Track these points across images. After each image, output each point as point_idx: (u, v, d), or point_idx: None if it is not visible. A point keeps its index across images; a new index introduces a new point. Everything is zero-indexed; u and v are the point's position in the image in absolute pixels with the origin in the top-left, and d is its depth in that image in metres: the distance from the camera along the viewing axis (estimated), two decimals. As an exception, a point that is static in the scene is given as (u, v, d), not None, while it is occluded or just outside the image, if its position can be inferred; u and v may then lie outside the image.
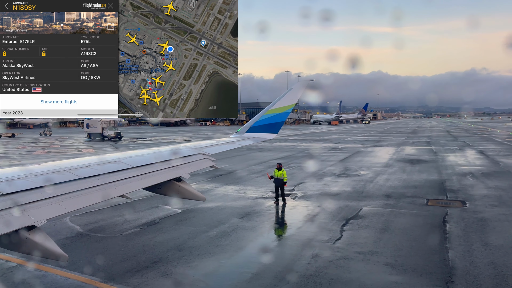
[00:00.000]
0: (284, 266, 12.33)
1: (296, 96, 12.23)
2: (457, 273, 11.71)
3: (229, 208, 19.93)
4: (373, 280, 11.37)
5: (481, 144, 57.87)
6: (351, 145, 58.73)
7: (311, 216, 18.43)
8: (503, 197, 21.99)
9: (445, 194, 22.99)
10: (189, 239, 15.00)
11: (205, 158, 9.57)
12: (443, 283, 11.07)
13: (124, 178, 7.01)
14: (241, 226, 16.80)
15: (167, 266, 12.31)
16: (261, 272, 11.91)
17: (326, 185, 26.26)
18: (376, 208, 19.79)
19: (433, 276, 11.56)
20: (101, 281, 11.27)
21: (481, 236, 15.13)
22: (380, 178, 28.84)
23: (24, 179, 5.81)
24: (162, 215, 18.41)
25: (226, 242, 14.69)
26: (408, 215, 18.43)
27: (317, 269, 12.14)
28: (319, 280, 11.29)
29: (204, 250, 13.80)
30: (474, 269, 12.02)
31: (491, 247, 13.97)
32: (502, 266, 12.22)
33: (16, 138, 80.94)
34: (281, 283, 11.14)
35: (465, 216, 18.01)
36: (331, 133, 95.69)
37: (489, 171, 31.47)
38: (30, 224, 4.94)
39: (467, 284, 11.01)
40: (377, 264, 12.51)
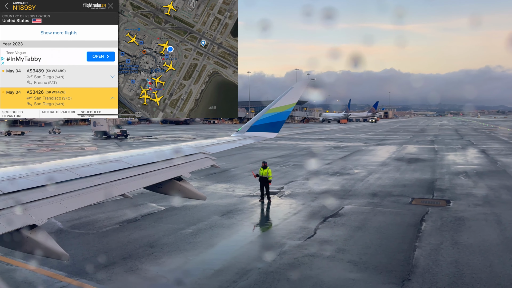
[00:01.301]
0: (248, 263, 12.56)
1: (297, 95, 12.31)
2: (417, 271, 11.85)
3: (213, 206, 20.18)
4: (331, 277, 11.56)
5: (486, 143, 57.43)
6: (353, 143, 58.66)
7: (291, 214, 18.62)
8: (489, 197, 21.97)
9: (432, 193, 23.01)
10: (164, 236, 15.29)
11: (206, 157, 9.66)
12: (400, 281, 11.21)
13: (125, 177, 7.06)
14: (219, 223, 17.05)
15: (135, 262, 12.60)
16: (224, 269, 12.16)
17: (316, 184, 26.40)
18: (358, 207, 19.92)
19: (392, 274, 11.71)
20: (66, 275, 11.60)
21: (453, 235, 15.21)
22: (372, 176, 28.90)
23: (26, 178, 5.86)
24: (145, 212, 18.73)
25: (199, 239, 14.96)
26: (388, 214, 18.54)
27: (280, 266, 12.36)
28: (278, 277, 11.51)
29: (175, 247, 14.08)
30: (435, 267, 12.14)
31: (460, 246, 14.06)
32: (464, 265, 12.33)
33: (25, 136, 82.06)
34: (240, 279, 11.37)
35: (444, 215, 18.07)
36: (338, 131, 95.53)
37: (484, 171, 31.34)
38: (31, 223, 4.98)
39: (423, 282, 11.15)
40: (341, 262, 12.68)
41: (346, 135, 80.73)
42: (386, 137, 72.16)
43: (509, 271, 11.84)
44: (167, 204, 19.91)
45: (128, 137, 72.36)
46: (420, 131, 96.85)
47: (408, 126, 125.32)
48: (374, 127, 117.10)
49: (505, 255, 13.11)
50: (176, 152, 9.28)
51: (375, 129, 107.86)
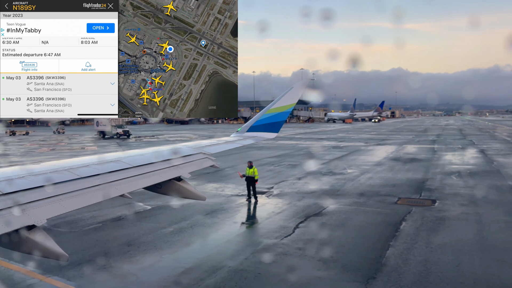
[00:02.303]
0: (219, 261, 12.74)
1: (296, 95, 12.35)
2: (384, 270, 11.98)
3: (199, 205, 20.34)
4: (298, 275, 11.72)
5: (487, 143, 57.23)
6: (354, 143, 58.65)
7: (274, 214, 18.78)
8: (476, 197, 22.00)
9: (419, 193, 23.07)
10: (144, 235, 15.52)
11: (205, 158, 9.62)
12: (365, 279, 11.35)
13: (124, 178, 7.03)
14: (201, 222, 17.26)
15: (109, 260, 12.83)
16: (194, 267, 12.36)
17: (306, 183, 26.53)
18: (342, 206, 20.05)
19: (359, 272, 11.85)
20: (40, 273, 11.85)
21: (430, 235, 15.30)
22: (364, 176, 28.98)
23: (24, 178, 5.85)
24: (131, 211, 18.96)
25: (177, 238, 15.17)
26: (370, 213, 18.66)
27: (250, 264, 12.53)
28: (246, 275, 11.69)
29: (152, 245, 14.31)
30: (403, 266, 12.26)
31: (434, 245, 14.16)
32: (433, 264, 12.43)
33: (29, 135, 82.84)
34: (208, 277, 11.56)
35: (426, 215, 18.15)
36: (341, 131, 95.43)
37: (478, 170, 31.31)
38: (30, 223, 4.96)
39: (388, 280, 11.28)
40: (311, 260, 12.84)
41: (348, 135, 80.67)
42: (388, 137, 72.03)
43: (475, 270, 11.94)
44: (153, 203, 20.15)
45: (130, 137, 72.91)
46: (424, 131, 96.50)
47: (413, 126, 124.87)
48: (378, 127, 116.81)
49: (476, 254, 13.21)
50: (175, 153, 9.25)
51: (379, 129, 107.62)
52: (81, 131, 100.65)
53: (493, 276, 11.56)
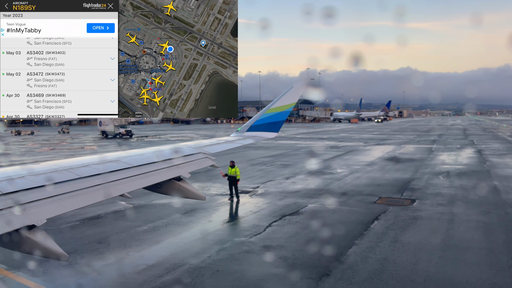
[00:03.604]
0: (183, 259, 13.05)
1: (296, 95, 12.38)
2: (340, 268, 12.23)
3: (180, 204, 20.60)
4: (254, 272, 12.02)
5: (487, 143, 57.03)
6: (353, 143, 58.69)
7: (251, 213, 19.07)
8: (457, 197, 22.12)
9: (401, 193, 23.21)
10: (117, 233, 15.88)
11: (205, 157, 9.63)
12: (318, 276, 11.60)
13: (124, 177, 7.03)
14: (177, 221, 17.58)
15: (76, 257, 13.18)
16: (157, 264, 12.68)
17: (293, 183, 26.76)
18: (321, 205, 20.28)
19: (314, 269, 12.11)
20: (6, 268, 12.23)
21: (397, 234, 15.50)
22: (352, 176, 29.15)
23: (25, 178, 5.86)
24: (111, 210, 19.34)
25: (149, 236, 15.51)
26: (346, 212, 18.89)
27: (212, 261, 12.83)
28: (204, 272, 12.00)
29: (121, 243, 14.65)
30: (360, 264, 12.49)
31: (398, 244, 14.36)
32: (390, 262, 12.66)
33: (34, 135, 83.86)
34: (167, 274, 11.88)
35: (401, 214, 18.33)
36: (344, 131, 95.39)
37: (468, 171, 31.35)
38: (30, 223, 4.97)
39: (341, 277, 11.53)
40: (273, 258, 13.11)
41: (350, 134, 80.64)
42: (389, 137, 71.94)
43: (430, 269, 12.14)
44: (136, 202, 20.51)
45: (133, 137, 73.68)
46: (427, 130, 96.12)
47: (418, 126, 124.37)
48: (382, 127, 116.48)
49: (436, 253, 13.39)
50: (175, 152, 9.29)
51: (383, 129, 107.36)
52: (85, 131, 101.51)
53: (446, 274, 11.75)
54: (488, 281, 11.25)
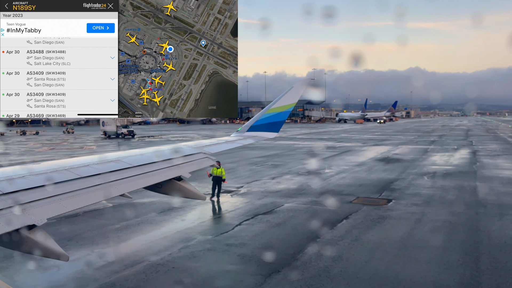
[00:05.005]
0: (143, 256, 13.48)
1: (297, 95, 12.36)
2: (293, 264, 12.60)
3: (159, 203, 21.10)
4: (209, 268, 12.42)
5: (486, 144, 56.93)
6: (350, 144, 58.88)
7: (226, 212, 19.49)
8: (434, 197, 22.35)
9: (380, 193, 23.48)
10: (89, 231, 16.34)
11: (205, 157, 9.48)
12: (268, 273, 11.96)
13: (124, 177, 6.98)
14: (151, 220, 18.02)
15: (42, 253, 13.63)
16: (117, 261, 13.10)
17: (278, 183, 27.09)
18: (297, 205, 20.61)
19: (268, 266, 12.47)
20: (-30, 264, 12.73)
21: (361, 232, 15.81)
22: (338, 176, 29.45)
23: (25, 178, 5.83)
24: (90, 208, 19.77)
25: (118, 234, 15.96)
26: (319, 212, 19.23)
27: (171, 259, 13.24)
28: (160, 269, 12.41)
29: (90, 241, 15.11)
30: (314, 261, 12.85)
31: (358, 242, 14.69)
32: (343, 260, 13.01)
33: (39, 135, 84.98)
34: (124, 270, 12.31)
35: (371, 214, 18.62)
36: (347, 131, 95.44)
37: (455, 171, 31.48)
38: (30, 223, 4.95)
39: (290, 274, 11.88)
40: (231, 255, 13.51)
41: (350, 135, 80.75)
42: (389, 138, 71.98)
43: (379, 266, 12.47)
44: (117, 201, 20.93)
45: (135, 137, 74.52)
46: (430, 131, 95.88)
47: (422, 127, 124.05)
48: (386, 128, 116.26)
49: (391, 252, 13.70)
50: (176, 152, 9.18)
51: (386, 129, 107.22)
52: (90, 131, 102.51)
53: (393, 272, 12.06)
54: (431, 279, 11.55)
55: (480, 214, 18.59)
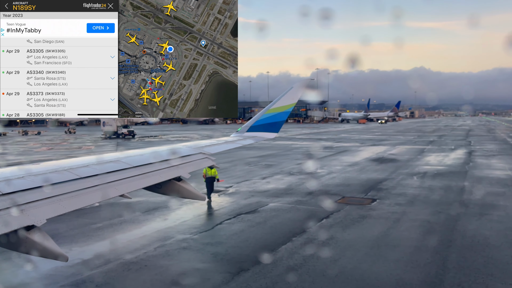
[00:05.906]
0: (119, 254, 13.75)
1: (296, 95, 12.42)
2: (264, 262, 12.78)
3: (146, 203, 21.33)
4: (179, 267, 12.68)
5: (484, 144, 56.89)
6: (349, 144, 58.95)
7: (210, 212, 19.73)
8: (419, 197, 22.50)
9: (367, 192, 23.64)
10: (70, 229, 16.60)
11: (205, 158, 9.56)
12: (237, 271, 12.19)
13: (124, 178, 7.02)
14: (134, 219, 18.29)
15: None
16: (93, 259, 13.38)
17: (267, 183, 27.30)
18: (281, 204, 20.82)
19: (237, 265, 12.70)
20: None
21: (337, 232, 16.01)
22: (329, 176, 29.63)
23: (24, 178, 5.82)
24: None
25: (99, 233, 16.23)
26: (301, 211, 19.44)
27: (145, 257, 13.49)
28: (132, 267, 12.67)
29: (70, 239, 15.38)
30: (284, 259, 13.08)
31: (332, 241, 14.90)
32: (314, 258, 13.24)
33: (40, 135, 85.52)
34: (96, 268, 12.59)
35: (352, 213, 18.80)
36: (347, 131, 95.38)
37: (446, 171, 31.58)
38: (29, 224, 4.98)
39: (259, 272, 12.13)
40: (205, 253, 13.76)
41: (350, 135, 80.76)
42: (388, 138, 71.95)
43: (347, 265, 12.69)
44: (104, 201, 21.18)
45: (135, 137, 74.96)
46: (431, 131, 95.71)
47: (425, 127, 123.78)
48: (387, 128, 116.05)
49: (362, 250, 13.91)
50: (175, 153, 9.19)
51: (387, 129, 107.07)
52: (92, 131, 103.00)
53: (359, 270, 12.27)
54: (396, 277, 11.75)
55: (461, 214, 18.74)
